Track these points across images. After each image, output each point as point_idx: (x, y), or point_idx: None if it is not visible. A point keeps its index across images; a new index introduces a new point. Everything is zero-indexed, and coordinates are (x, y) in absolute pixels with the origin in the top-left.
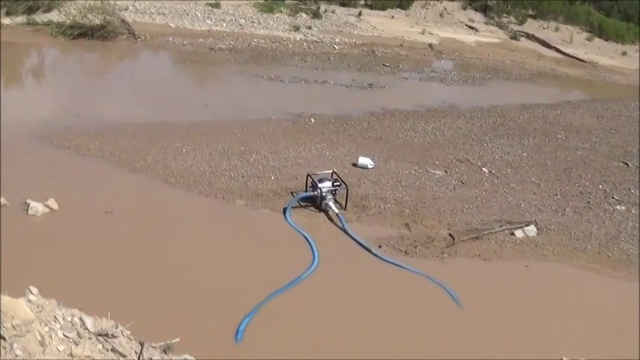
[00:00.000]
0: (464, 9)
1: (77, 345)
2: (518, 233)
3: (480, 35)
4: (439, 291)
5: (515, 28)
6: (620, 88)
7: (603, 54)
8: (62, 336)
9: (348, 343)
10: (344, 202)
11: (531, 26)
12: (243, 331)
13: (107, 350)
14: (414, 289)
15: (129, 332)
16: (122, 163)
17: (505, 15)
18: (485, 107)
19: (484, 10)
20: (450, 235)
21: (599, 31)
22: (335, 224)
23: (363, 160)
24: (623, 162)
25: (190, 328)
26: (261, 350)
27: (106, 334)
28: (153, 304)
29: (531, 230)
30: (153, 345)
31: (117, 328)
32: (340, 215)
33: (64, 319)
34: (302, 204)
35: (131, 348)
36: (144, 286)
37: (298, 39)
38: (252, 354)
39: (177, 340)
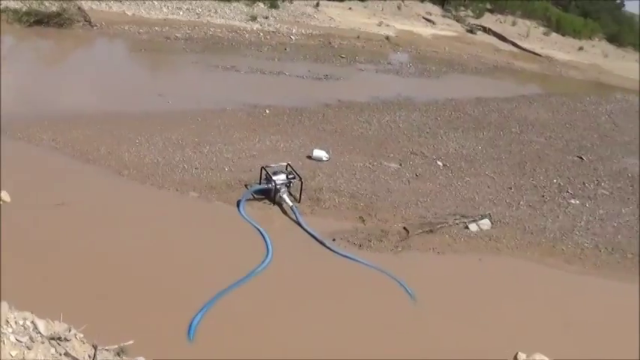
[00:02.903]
0: (422, 1)
1: (30, 349)
2: (473, 227)
3: (437, 28)
4: (393, 285)
5: (473, 21)
6: (575, 82)
7: (560, 49)
8: (15, 340)
9: (302, 338)
10: (298, 195)
11: (488, 20)
12: (195, 328)
13: (60, 354)
14: (368, 283)
15: (82, 335)
16: (75, 153)
17: (462, 8)
18: (440, 100)
19: (442, 3)
20: (404, 228)
21: (556, 26)
22: (289, 217)
23: (318, 153)
24: (577, 156)
25: (143, 328)
26: (214, 348)
27: (59, 338)
28: (105, 304)
29: (485, 224)
30: (106, 348)
31: (70, 331)
32: (294, 208)
33: (16, 322)
34: (256, 197)
35: (84, 352)
36: (96, 285)
37: (255, 29)
38: (204, 352)
39: (131, 342)
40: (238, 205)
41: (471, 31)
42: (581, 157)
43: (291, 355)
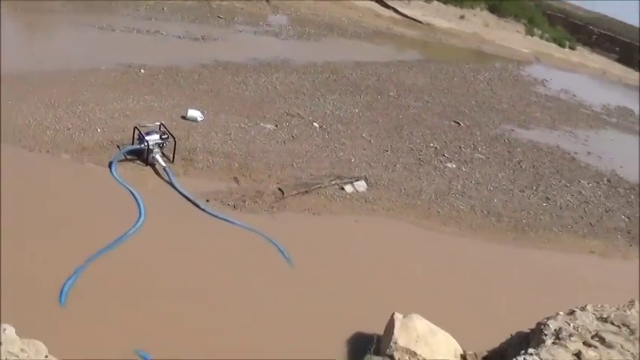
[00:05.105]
0: None
1: None
2: (348, 188)
3: None
4: (269, 247)
5: None
6: (456, 50)
7: (441, 17)
8: None
9: (177, 301)
10: (171, 156)
11: None
12: (66, 293)
13: None
14: (243, 245)
15: None
16: None
17: None
18: (319, 63)
19: None
20: (279, 189)
21: None
22: (162, 178)
23: (193, 113)
24: (455, 121)
25: (12, 294)
26: (86, 312)
27: None
28: None
29: (361, 185)
30: None
31: None
32: (167, 169)
33: None
34: (129, 157)
35: None
36: None
37: None
38: (77, 317)
39: None
40: (110, 167)
41: None
42: (458, 122)
43: (167, 320)
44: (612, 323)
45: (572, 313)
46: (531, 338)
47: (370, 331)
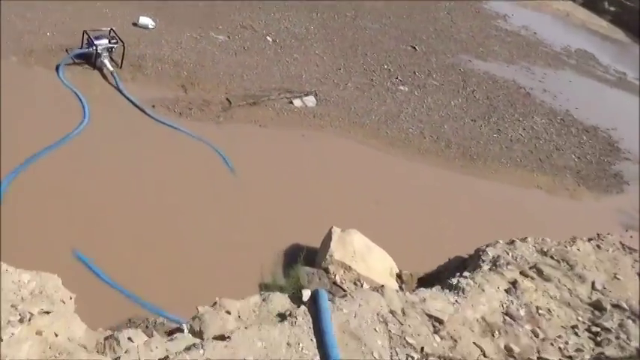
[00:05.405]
0: None
1: None
2: (297, 102)
3: None
4: (213, 155)
5: None
6: None
7: None
8: None
9: (115, 206)
10: (120, 61)
11: None
12: (3, 191)
13: None
14: (187, 153)
15: None
16: None
17: None
18: None
19: None
20: (227, 99)
21: None
22: (109, 83)
23: (144, 20)
24: (411, 46)
25: None
26: (22, 211)
27: None
28: None
29: (310, 101)
30: None
31: None
32: (115, 74)
33: None
34: (76, 61)
35: None
36: None
37: None
38: (13, 215)
39: None
40: (57, 70)
41: None
42: (414, 47)
43: (105, 223)
44: (552, 257)
45: (512, 242)
46: (469, 264)
47: (308, 244)
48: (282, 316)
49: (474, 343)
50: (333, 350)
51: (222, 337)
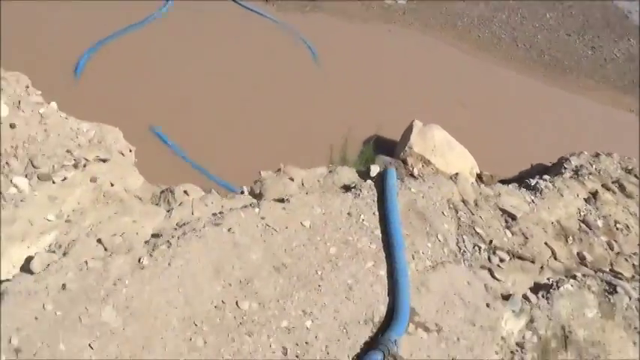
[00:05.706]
0: None
1: None
2: None
3: None
4: (297, 43)
5: None
6: None
7: None
8: None
9: (195, 86)
10: None
11: None
12: (82, 68)
13: None
14: (272, 40)
15: None
16: None
17: None
18: None
19: None
20: None
21: None
22: None
23: None
24: None
25: (31, 64)
26: (98, 88)
27: None
28: None
29: None
30: None
31: None
32: None
33: None
34: None
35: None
36: None
37: None
38: (90, 91)
39: None
40: None
41: None
42: None
43: (182, 102)
44: (636, 176)
45: (597, 155)
46: (551, 171)
47: (387, 136)
48: (346, 188)
49: (546, 243)
50: (395, 225)
51: (281, 200)
